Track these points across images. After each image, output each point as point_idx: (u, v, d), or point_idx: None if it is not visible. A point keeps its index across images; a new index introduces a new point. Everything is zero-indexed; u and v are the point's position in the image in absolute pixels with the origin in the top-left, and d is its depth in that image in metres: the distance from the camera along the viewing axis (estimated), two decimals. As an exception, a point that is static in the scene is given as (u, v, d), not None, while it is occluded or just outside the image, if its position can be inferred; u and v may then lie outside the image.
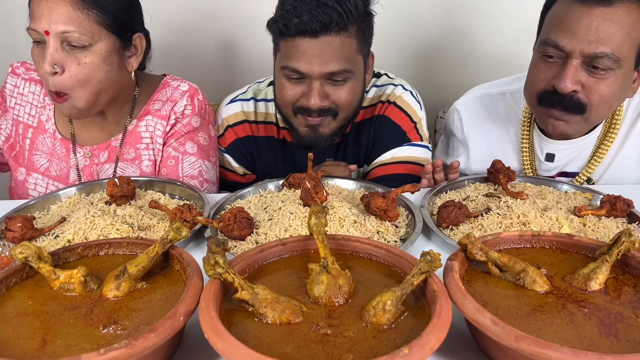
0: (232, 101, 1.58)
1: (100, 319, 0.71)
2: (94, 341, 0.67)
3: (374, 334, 0.68)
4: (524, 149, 1.49)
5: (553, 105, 1.26)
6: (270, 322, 0.70)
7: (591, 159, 1.43)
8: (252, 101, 1.57)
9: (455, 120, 1.61)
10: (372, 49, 1.44)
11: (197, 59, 2.20)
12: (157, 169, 1.48)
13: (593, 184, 1.48)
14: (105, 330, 0.69)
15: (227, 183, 1.63)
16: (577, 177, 1.47)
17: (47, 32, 1.21)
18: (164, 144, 1.47)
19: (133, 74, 1.40)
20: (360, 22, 1.31)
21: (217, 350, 0.62)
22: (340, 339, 0.67)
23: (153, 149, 1.47)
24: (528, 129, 1.48)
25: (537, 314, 0.72)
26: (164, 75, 1.55)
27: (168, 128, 1.46)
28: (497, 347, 0.70)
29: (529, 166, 1.50)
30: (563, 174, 1.49)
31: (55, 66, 1.23)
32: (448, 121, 1.67)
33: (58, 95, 1.27)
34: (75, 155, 1.45)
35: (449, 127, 1.66)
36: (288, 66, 1.31)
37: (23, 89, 1.47)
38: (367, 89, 1.55)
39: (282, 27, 1.28)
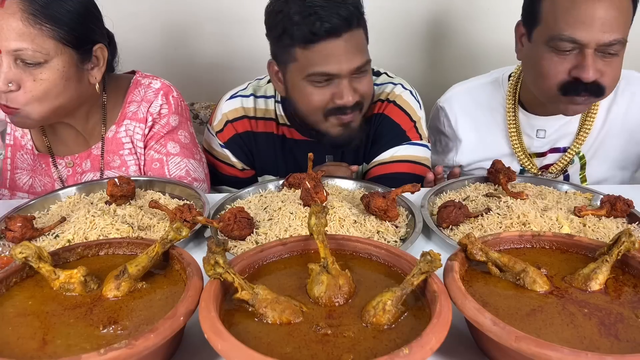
0: (231, 97, 1.59)
1: (100, 319, 0.71)
2: (94, 341, 0.67)
3: (374, 334, 0.68)
4: (512, 132, 1.54)
5: (579, 93, 1.31)
6: (270, 322, 0.70)
7: (579, 132, 1.51)
8: (251, 97, 1.58)
9: (442, 118, 1.65)
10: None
11: (197, 59, 2.20)
12: (142, 174, 1.45)
13: (583, 158, 1.54)
14: (105, 330, 0.69)
15: (226, 177, 1.63)
16: (568, 151, 1.52)
17: None
18: (145, 147, 1.44)
19: (97, 85, 1.34)
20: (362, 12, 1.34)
21: (217, 350, 0.62)
22: (340, 339, 0.67)
23: (136, 153, 1.44)
24: (513, 111, 1.54)
25: (537, 314, 0.72)
26: (133, 72, 1.50)
27: (147, 130, 1.43)
28: (497, 347, 0.70)
29: (519, 147, 1.54)
30: (555, 150, 1.55)
31: (10, 84, 1.18)
32: (433, 120, 1.70)
33: (7, 107, 1.22)
34: (57, 168, 1.41)
35: (435, 126, 1.69)
36: (316, 72, 1.30)
37: None
38: None
39: (307, 34, 1.26)
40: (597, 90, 1.30)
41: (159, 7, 2.10)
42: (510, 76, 1.57)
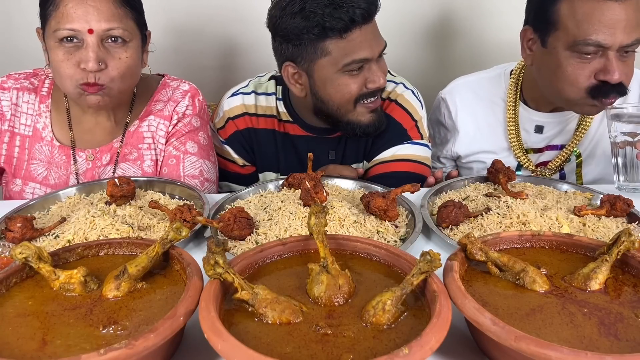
0: (233, 94, 1.61)
1: (100, 319, 0.71)
2: (93, 341, 0.67)
3: (373, 334, 0.68)
4: (510, 127, 1.56)
5: (608, 96, 1.33)
6: (270, 322, 0.70)
7: (577, 130, 1.53)
8: (252, 95, 1.59)
9: (442, 109, 1.67)
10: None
11: (198, 60, 2.20)
12: (158, 169, 1.48)
13: (580, 156, 1.55)
14: (105, 331, 0.69)
15: (227, 174, 1.64)
16: (565, 149, 1.54)
17: (90, 31, 1.23)
18: (165, 143, 1.48)
19: (148, 67, 1.43)
20: None
21: (217, 350, 0.62)
22: (340, 339, 0.67)
23: (155, 149, 1.48)
24: (514, 106, 1.55)
25: (536, 313, 0.72)
26: (161, 75, 1.56)
27: (170, 128, 1.47)
28: (497, 347, 0.70)
29: (515, 142, 1.56)
30: (552, 147, 1.57)
31: (100, 63, 1.25)
32: (435, 112, 1.72)
33: (94, 85, 1.27)
34: (76, 162, 1.43)
35: (435, 117, 1.72)
36: (354, 60, 1.33)
37: (16, 99, 1.43)
38: None
39: (345, 23, 1.28)
40: (623, 90, 1.32)
41: (159, 7, 2.10)
42: (511, 72, 1.58)
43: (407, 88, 1.56)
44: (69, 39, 1.25)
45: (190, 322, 0.70)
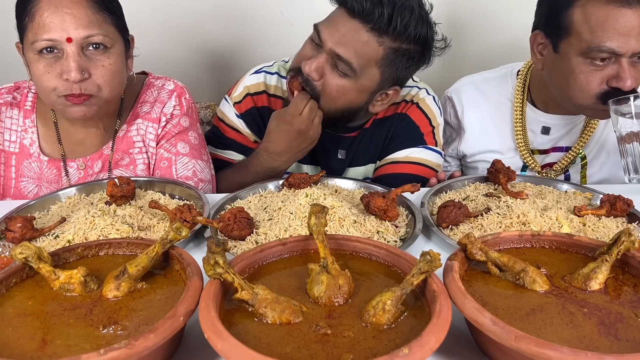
0: (257, 72, 1.62)
1: (100, 319, 0.71)
2: (94, 341, 0.67)
3: (373, 334, 0.68)
4: (517, 127, 1.56)
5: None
6: (270, 322, 0.70)
7: (583, 132, 1.53)
8: (275, 76, 1.61)
9: (448, 108, 1.67)
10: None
11: (197, 58, 2.20)
12: (151, 173, 1.47)
13: (585, 158, 1.55)
14: (105, 331, 0.69)
15: (232, 142, 1.62)
16: (570, 151, 1.54)
17: (69, 39, 1.19)
18: (156, 146, 1.47)
19: (133, 74, 1.40)
20: (400, 45, 1.32)
21: (217, 351, 0.62)
22: (340, 339, 0.67)
23: (146, 152, 1.46)
24: (520, 106, 1.55)
25: (536, 313, 0.72)
26: (144, 73, 1.53)
27: (160, 130, 1.46)
28: (497, 347, 0.70)
29: (522, 143, 1.56)
30: (557, 148, 1.57)
31: (83, 72, 1.21)
32: None
33: (79, 96, 1.23)
34: (68, 175, 1.41)
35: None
36: (317, 27, 1.35)
37: None
38: None
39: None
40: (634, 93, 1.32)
41: (158, 5, 2.10)
42: (518, 72, 1.58)
43: (429, 94, 1.57)
44: (48, 49, 1.20)
45: (190, 322, 0.70)
